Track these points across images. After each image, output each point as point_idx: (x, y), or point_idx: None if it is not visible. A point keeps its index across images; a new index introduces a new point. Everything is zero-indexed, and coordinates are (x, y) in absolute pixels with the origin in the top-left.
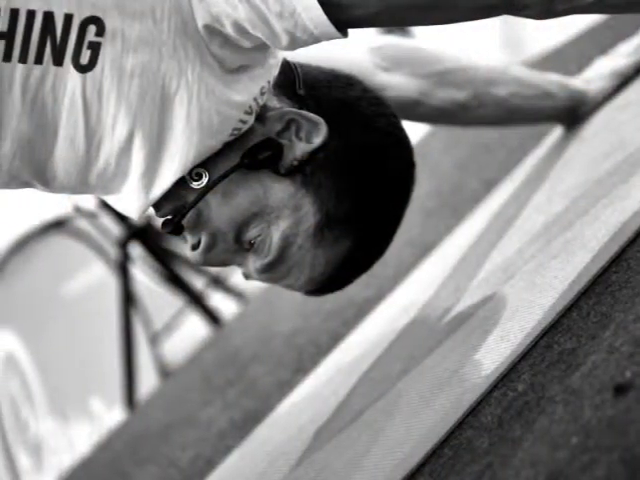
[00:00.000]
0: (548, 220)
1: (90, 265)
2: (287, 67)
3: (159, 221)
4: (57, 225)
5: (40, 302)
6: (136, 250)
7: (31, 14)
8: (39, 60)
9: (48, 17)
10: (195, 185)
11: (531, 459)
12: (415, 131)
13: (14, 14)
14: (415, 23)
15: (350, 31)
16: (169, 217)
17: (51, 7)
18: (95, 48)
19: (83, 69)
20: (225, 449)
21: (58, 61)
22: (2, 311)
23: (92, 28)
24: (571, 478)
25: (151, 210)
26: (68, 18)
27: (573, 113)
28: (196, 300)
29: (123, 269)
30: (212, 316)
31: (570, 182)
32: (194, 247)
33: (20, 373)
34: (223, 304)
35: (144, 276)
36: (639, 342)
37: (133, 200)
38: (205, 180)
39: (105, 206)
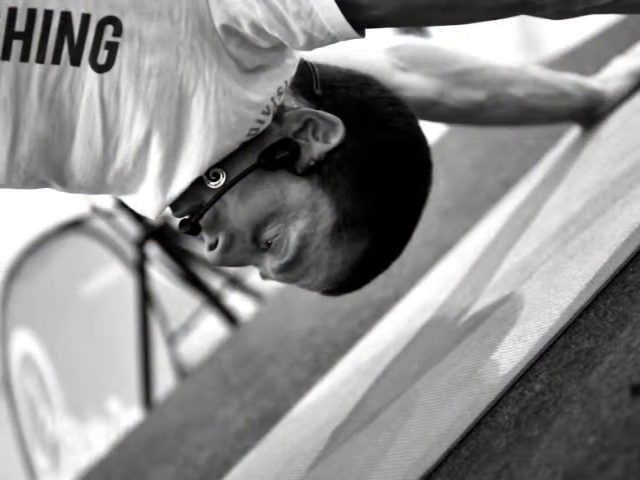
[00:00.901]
0: (565, 220)
1: (107, 265)
2: (305, 67)
3: (176, 221)
4: (74, 225)
5: (57, 302)
6: (153, 250)
7: (48, 14)
8: (56, 60)
9: (66, 17)
10: (212, 185)
11: (548, 459)
12: (432, 131)
13: (31, 14)
14: (432, 23)
15: (367, 31)
16: (186, 217)
17: (68, 7)
18: (112, 48)
19: (100, 69)
20: (242, 449)
21: (75, 61)
22: (20, 311)
23: (109, 28)
24: (589, 478)
25: (168, 210)
26: (85, 18)
27: (590, 113)
28: (213, 300)
29: (140, 269)
30: (229, 316)
31: (587, 182)
32: (211, 247)
33: (37, 373)
34: (240, 304)
35: (161, 276)
36: None
37: (150, 200)
38: (222, 180)
39: (122, 206)
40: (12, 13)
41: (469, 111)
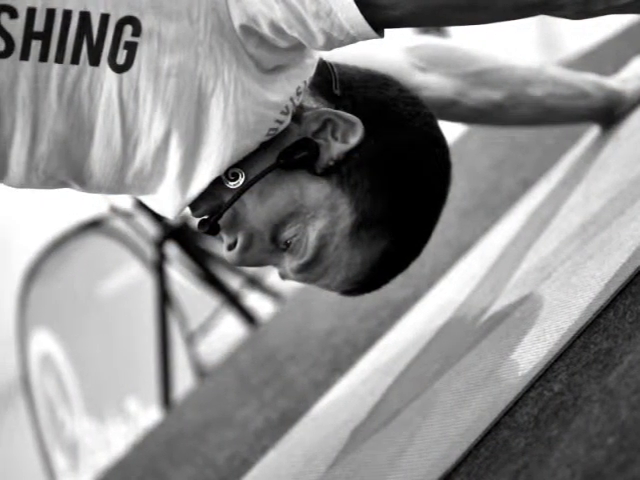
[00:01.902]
0: (584, 220)
1: (126, 265)
2: (324, 67)
3: (195, 221)
4: (93, 225)
5: (76, 302)
6: (172, 250)
7: (67, 14)
8: (75, 60)
9: (84, 17)
10: (231, 185)
11: (567, 459)
12: (451, 131)
13: (50, 14)
14: (451, 23)
15: (386, 31)
16: (205, 217)
17: (87, 7)
18: (131, 48)
19: (119, 69)
20: (261, 449)
21: (94, 61)
22: (39, 311)
23: (128, 28)
24: (608, 478)
25: (187, 210)
26: (104, 18)
27: (609, 113)
28: (232, 300)
29: (159, 269)
30: (248, 316)
31: (606, 182)
32: (230, 247)
33: (56, 373)
34: (259, 304)
35: (180, 276)
36: None
37: (169, 200)
38: (241, 180)
39: (141, 206)
40: (31, 13)
41: (488, 111)
